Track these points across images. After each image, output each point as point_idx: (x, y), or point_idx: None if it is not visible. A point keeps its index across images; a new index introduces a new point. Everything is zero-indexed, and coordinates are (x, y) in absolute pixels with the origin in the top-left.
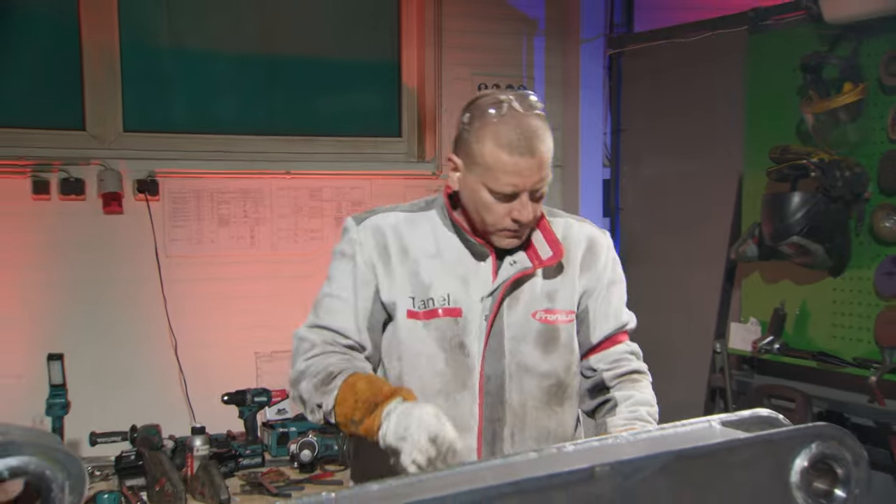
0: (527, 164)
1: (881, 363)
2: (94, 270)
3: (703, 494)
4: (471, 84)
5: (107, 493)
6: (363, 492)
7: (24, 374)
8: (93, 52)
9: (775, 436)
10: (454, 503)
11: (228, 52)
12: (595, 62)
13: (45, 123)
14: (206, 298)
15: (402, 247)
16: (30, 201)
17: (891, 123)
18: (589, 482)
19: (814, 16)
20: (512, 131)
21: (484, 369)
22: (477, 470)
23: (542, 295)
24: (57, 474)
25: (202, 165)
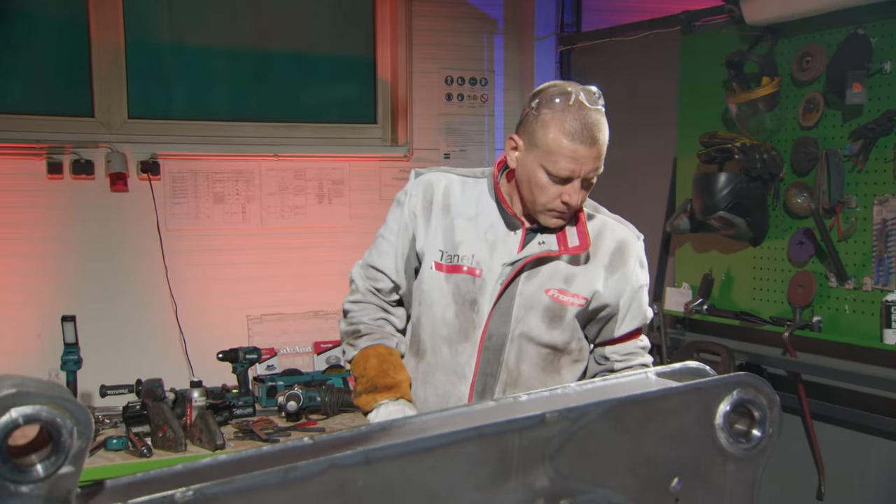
0: (585, 152)
1: (793, 321)
2: (103, 242)
3: (640, 436)
4: (438, 77)
5: (115, 439)
6: (338, 437)
7: (42, 333)
8: (100, 48)
9: (702, 384)
10: (422, 446)
11: (223, 47)
12: (548, 58)
13: (58, 111)
14: (202, 267)
15: (446, 205)
16: (45, 180)
17: (801, 113)
18: (540, 426)
19: (736, 18)
20: (576, 121)
21: (488, 327)
22: (441, 417)
23: (560, 276)
24: (66, 421)
25: (199, 149)
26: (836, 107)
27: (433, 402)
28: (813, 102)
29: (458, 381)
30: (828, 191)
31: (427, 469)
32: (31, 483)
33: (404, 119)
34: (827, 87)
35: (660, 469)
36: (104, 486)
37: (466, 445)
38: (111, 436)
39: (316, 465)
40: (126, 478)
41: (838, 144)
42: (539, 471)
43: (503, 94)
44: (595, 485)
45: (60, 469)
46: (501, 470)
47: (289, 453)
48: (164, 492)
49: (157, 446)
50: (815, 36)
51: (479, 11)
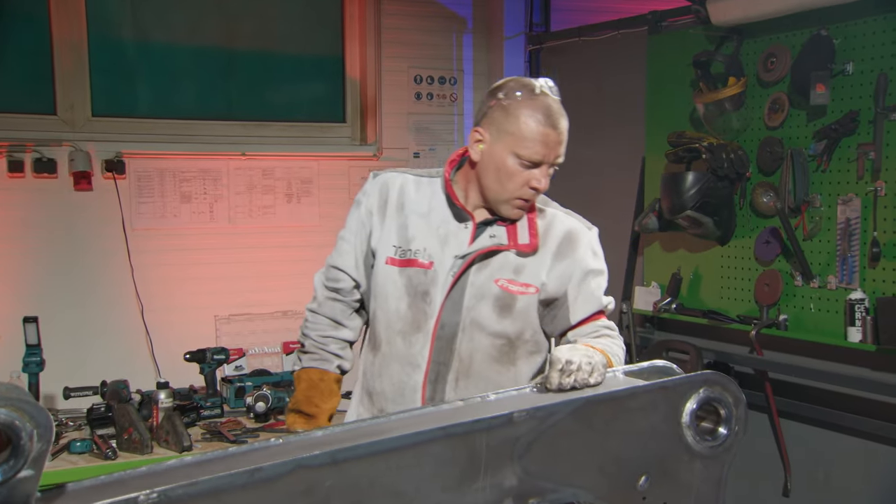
0: (554, 137)
1: (760, 319)
2: (67, 242)
3: (608, 435)
4: (407, 76)
5: (79, 441)
6: (306, 437)
7: (2, 335)
8: (62, 45)
9: (669, 383)
10: (389, 446)
11: (189, 45)
12: (517, 57)
13: (19, 108)
14: (169, 267)
15: (401, 203)
16: (5, 178)
17: (767, 113)
18: (508, 426)
19: (702, 19)
20: (544, 107)
21: (441, 318)
22: (411, 417)
23: (510, 267)
24: (25, 424)
25: (165, 147)
26: (800, 107)
27: (389, 393)
28: (778, 103)
29: (412, 370)
30: (793, 190)
31: (394, 469)
32: None
33: (373, 118)
34: (791, 88)
35: (627, 467)
36: (66, 489)
37: (434, 445)
38: (75, 438)
39: (282, 465)
40: (88, 481)
41: (803, 144)
42: (507, 470)
43: (472, 93)
44: (563, 484)
45: (19, 473)
46: (469, 470)
47: (256, 454)
48: (128, 494)
49: (123, 448)
50: (780, 37)
51: (448, 10)
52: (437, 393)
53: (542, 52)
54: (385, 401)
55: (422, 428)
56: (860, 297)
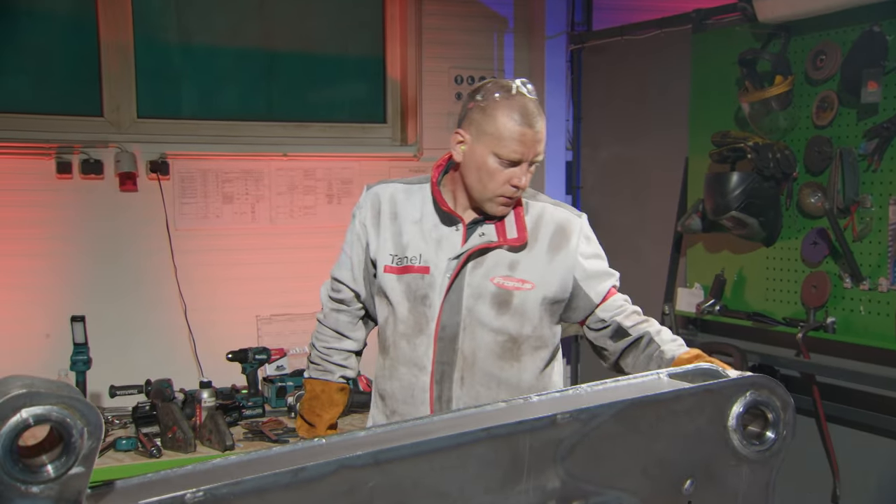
0: (531, 136)
1: (806, 322)
2: (113, 242)
3: (652, 438)
4: (448, 76)
5: (125, 439)
6: (351, 437)
7: (51, 333)
8: (109, 48)
9: (715, 386)
10: (432, 447)
11: (231, 47)
12: (558, 56)
13: (67, 111)
14: (211, 267)
15: (394, 213)
16: (54, 180)
17: (815, 112)
18: (551, 428)
19: (748, 16)
20: (521, 107)
21: (441, 319)
22: (454, 417)
23: (504, 264)
24: (76, 422)
25: (208, 148)
26: (850, 105)
27: (399, 394)
28: (827, 101)
29: (418, 372)
30: (842, 190)
31: (437, 470)
32: (42, 483)
33: (414, 118)
34: (841, 86)
35: (672, 471)
36: (114, 486)
37: (477, 446)
38: (121, 436)
39: (326, 465)
40: (136, 478)
41: (853, 143)
42: (550, 472)
43: None
44: (607, 486)
45: (71, 470)
46: (512, 471)
47: (299, 454)
48: (175, 492)
49: (167, 447)
50: (829, 34)
51: (489, 10)
52: (443, 392)
53: (583, 52)
54: (396, 402)
55: (465, 429)
56: None
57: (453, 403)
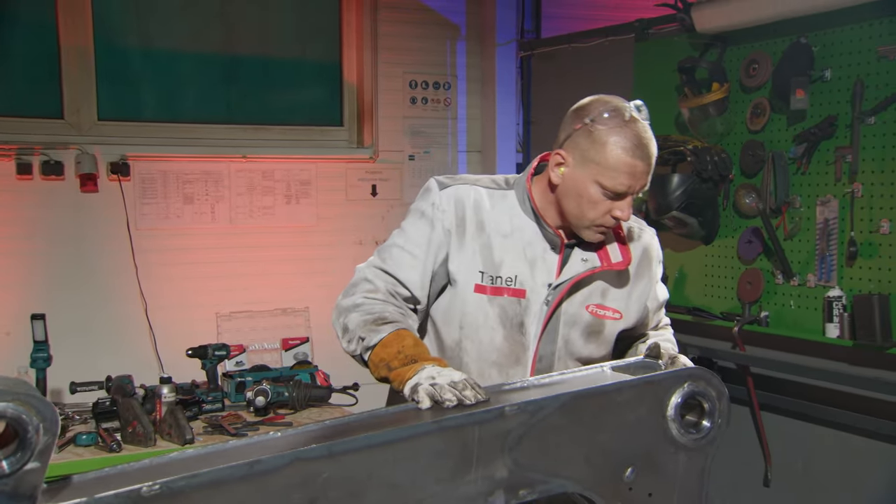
0: (642, 168)
1: (742, 316)
2: (74, 241)
3: (596, 428)
4: (402, 81)
5: (85, 434)
6: (305, 430)
7: (11, 331)
8: (70, 51)
9: (655, 378)
10: (384, 439)
11: (192, 51)
12: (509, 63)
13: (27, 112)
14: (172, 266)
15: (479, 221)
16: (14, 181)
17: (749, 117)
18: (500, 420)
19: (687, 27)
20: (635, 136)
21: (539, 350)
22: (405, 410)
23: (598, 290)
24: (32, 418)
25: (169, 150)
26: (781, 111)
27: None
28: (760, 107)
29: None
30: (774, 192)
31: (389, 462)
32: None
33: (370, 121)
34: (773, 93)
35: (614, 459)
36: (71, 481)
37: (428, 438)
38: (81, 431)
39: (280, 458)
40: (93, 473)
41: (783, 147)
42: (499, 462)
43: (466, 97)
44: (553, 475)
45: (26, 465)
46: (462, 462)
47: (255, 447)
48: (131, 486)
49: (127, 441)
50: (762, 44)
51: (442, 18)
52: None
53: (533, 59)
54: None
55: (417, 421)
56: (838, 295)
57: None
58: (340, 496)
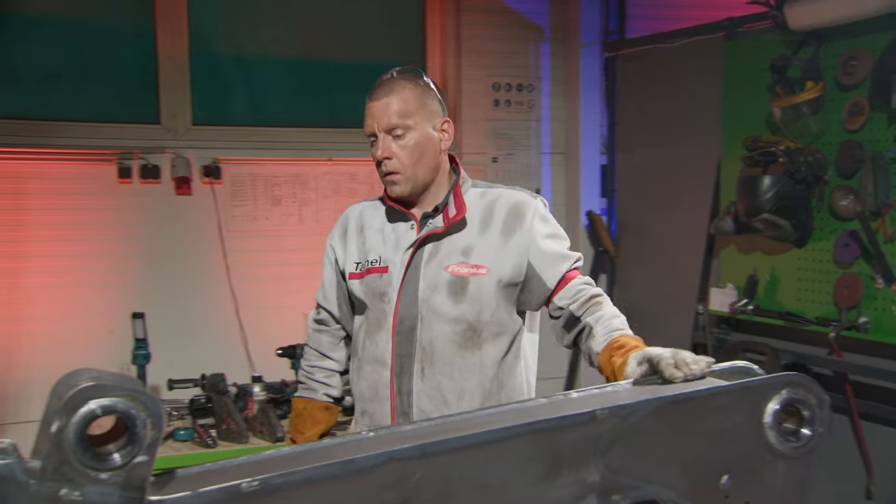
0: (376, 107)
1: (838, 321)
2: (169, 242)
3: (689, 434)
4: (486, 83)
5: (182, 430)
6: (396, 430)
7: (113, 329)
8: (167, 58)
9: (751, 384)
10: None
11: (279, 56)
12: (593, 64)
13: (127, 119)
14: (261, 267)
15: (360, 226)
16: (116, 184)
17: (846, 116)
18: (591, 423)
19: (780, 24)
20: (376, 85)
21: (398, 312)
22: (497, 413)
23: (457, 251)
24: (140, 413)
25: (258, 153)
26: (881, 110)
27: (366, 393)
28: (858, 106)
29: (380, 367)
30: (874, 193)
31: (481, 463)
32: (110, 471)
33: (454, 124)
34: (872, 91)
35: (709, 466)
36: (175, 474)
37: (519, 441)
38: (178, 427)
39: (374, 458)
40: (196, 467)
41: (884, 147)
42: (590, 467)
43: (549, 99)
44: (646, 481)
45: (136, 458)
46: (553, 465)
47: (349, 446)
48: (232, 482)
49: (222, 438)
50: (860, 40)
51: (525, 19)
52: (403, 385)
53: (617, 59)
54: (364, 401)
55: (508, 424)
56: None
57: (413, 397)
58: (433, 497)
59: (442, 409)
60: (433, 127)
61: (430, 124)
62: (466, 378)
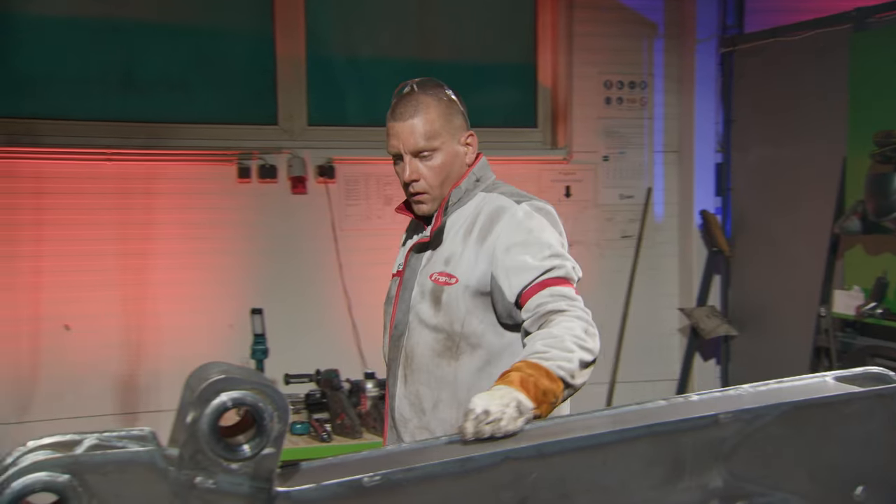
0: (400, 128)
1: None
2: (285, 241)
3: (820, 440)
4: (597, 81)
5: (299, 424)
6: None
7: (233, 324)
8: (285, 61)
9: (886, 391)
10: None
11: (392, 57)
12: (709, 60)
13: (246, 120)
14: (373, 265)
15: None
16: (235, 184)
17: None
18: (713, 427)
19: None
20: (397, 103)
21: (395, 318)
22: (613, 415)
23: (441, 259)
24: (268, 406)
25: (371, 153)
26: None
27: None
28: None
29: (387, 368)
30: None
31: (599, 464)
32: (240, 461)
33: (564, 122)
34: None
35: (842, 475)
36: (300, 467)
37: (638, 443)
38: (295, 421)
39: (492, 456)
40: (318, 461)
41: None
42: (713, 471)
43: (662, 96)
44: (772, 488)
45: (264, 450)
46: (674, 469)
47: (466, 445)
48: (354, 475)
49: (336, 432)
50: None
51: (639, 16)
52: (391, 388)
53: (735, 55)
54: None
55: (627, 426)
56: None
57: (396, 401)
58: (550, 497)
59: (420, 416)
60: (458, 142)
61: (455, 141)
62: (442, 388)
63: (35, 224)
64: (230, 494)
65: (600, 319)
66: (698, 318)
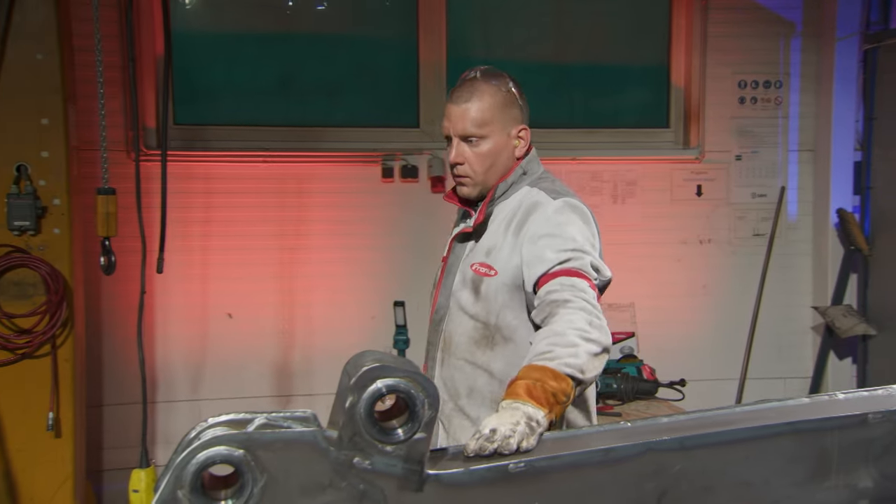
0: (452, 111)
1: None
2: (425, 237)
3: None
4: (731, 81)
5: None
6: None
7: (375, 316)
8: (427, 66)
9: None
10: (736, 436)
11: (528, 60)
12: (849, 57)
13: (390, 123)
14: None
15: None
16: (380, 183)
17: None
18: (862, 427)
19: None
20: (458, 86)
21: (437, 302)
22: (756, 410)
23: (483, 250)
24: (419, 393)
25: None
26: None
27: None
28: None
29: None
30: None
31: (741, 459)
32: (394, 444)
33: (696, 122)
34: None
35: None
36: (448, 451)
37: (780, 440)
38: None
39: (633, 447)
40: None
41: None
42: (861, 472)
43: (798, 95)
44: None
45: (416, 434)
46: (820, 467)
47: (607, 435)
48: (500, 462)
49: None
50: None
51: (775, 15)
52: (429, 370)
53: (878, 51)
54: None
55: (768, 422)
56: None
57: None
58: (692, 489)
59: (455, 399)
60: (509, 134)
61: (506, 132)
62: (477, 375)
63: (204, 221)
64: (385, 475)
65: (731, 316)
66: (834, 317)
